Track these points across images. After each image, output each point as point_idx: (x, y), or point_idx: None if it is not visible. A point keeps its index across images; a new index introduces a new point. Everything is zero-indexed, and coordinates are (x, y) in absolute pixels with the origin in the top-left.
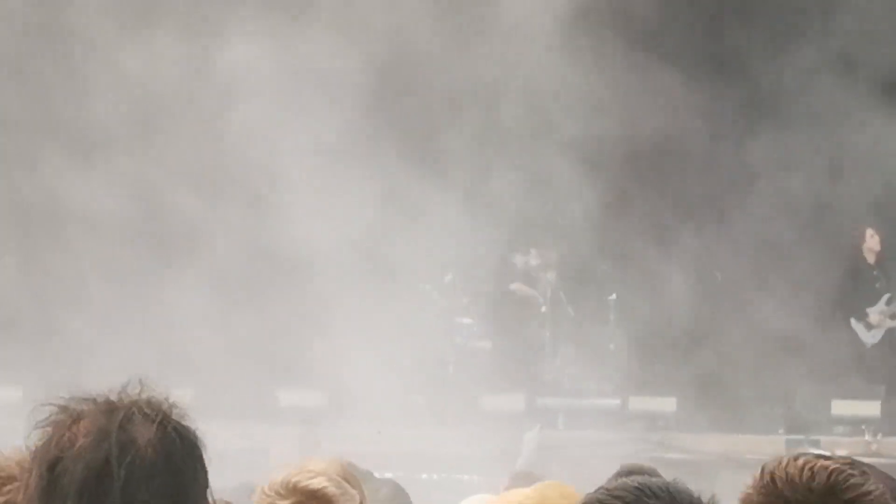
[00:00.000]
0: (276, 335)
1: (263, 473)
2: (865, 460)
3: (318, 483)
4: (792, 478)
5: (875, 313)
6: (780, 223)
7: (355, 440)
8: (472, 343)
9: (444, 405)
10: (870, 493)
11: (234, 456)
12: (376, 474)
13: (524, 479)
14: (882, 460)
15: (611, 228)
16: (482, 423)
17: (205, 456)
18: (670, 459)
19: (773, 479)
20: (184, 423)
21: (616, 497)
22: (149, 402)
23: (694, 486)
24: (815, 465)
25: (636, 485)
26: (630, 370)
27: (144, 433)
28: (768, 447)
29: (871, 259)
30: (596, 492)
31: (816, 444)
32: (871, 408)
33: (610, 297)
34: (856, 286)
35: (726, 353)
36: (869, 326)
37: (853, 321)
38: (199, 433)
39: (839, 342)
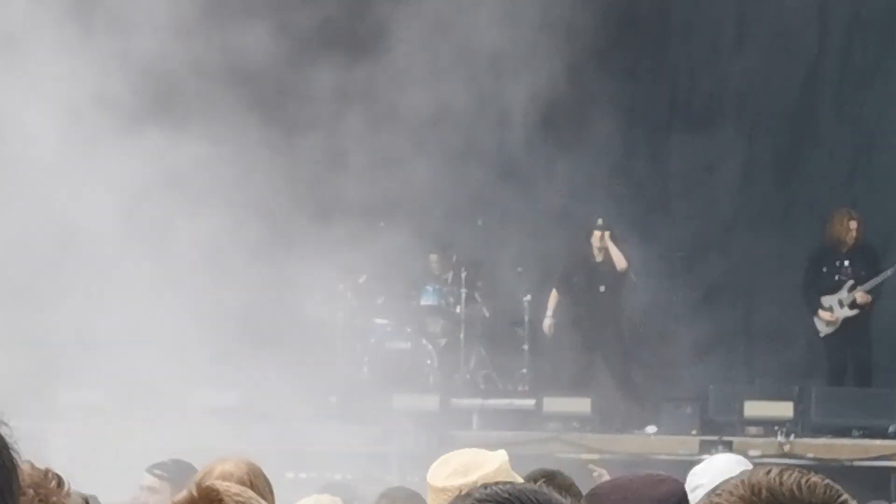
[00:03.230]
0: (186, 336)
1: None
2: (778, 461)
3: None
4: (793, 493)
5: (829, 301)
6: (698, 224)
7: (270, 440)
8: (387, 343)
9: (358, 405)
10: None
11: (153, 456)
12: (290, 474)
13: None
14: (795, 461)
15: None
16: (396, 424)
17: (18, 467)
18: (585, 460)
19: (771, 494)
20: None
21: None
22: None
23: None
24: (809, 480)
25: (507, 495)
26: (545, 371)
27: None
28: (681, 448)
29: (841, 246)
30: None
31: (729, 445)
32: (783, 409)
33: (525, 298)
34: (817, 273)
35: (640, 354)
36: (824, 315)
37: (814, 314)
38: (8, 439)
39: (753, 342)
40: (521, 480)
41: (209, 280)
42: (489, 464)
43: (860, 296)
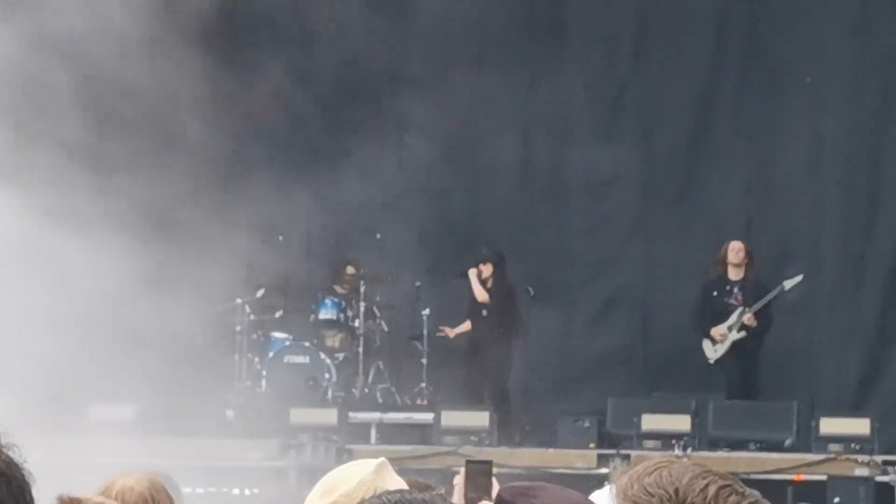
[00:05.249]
0: (82, 351)
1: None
2: None
3: None
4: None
5: (719, 328)
6: (595, 238)
7: (167, 454)
8: (285, 357)
9: (256, 419)
10: None
11: (49, 470)
12: (187, 489)
13: None
14: None
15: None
16: (294, 438)
17: (33, 491)
18: None
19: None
20: (11, 459)
21: None
22: None
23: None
24: (730, 497)
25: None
26: (443, 385)
27: None
28: (579, 461)
29: (732, 275)
30: None
31: (627, 458)
32: (681, 422)
33: (424, 312)
34: (709, 299)
35: (535, 366)
36: (713, 342)
37: (704, 339)
38: (26, 468)
39: (650, 356)
40: (396, 486)
41: (104, 294)
42: (351, 480)
43: (747, 318)
